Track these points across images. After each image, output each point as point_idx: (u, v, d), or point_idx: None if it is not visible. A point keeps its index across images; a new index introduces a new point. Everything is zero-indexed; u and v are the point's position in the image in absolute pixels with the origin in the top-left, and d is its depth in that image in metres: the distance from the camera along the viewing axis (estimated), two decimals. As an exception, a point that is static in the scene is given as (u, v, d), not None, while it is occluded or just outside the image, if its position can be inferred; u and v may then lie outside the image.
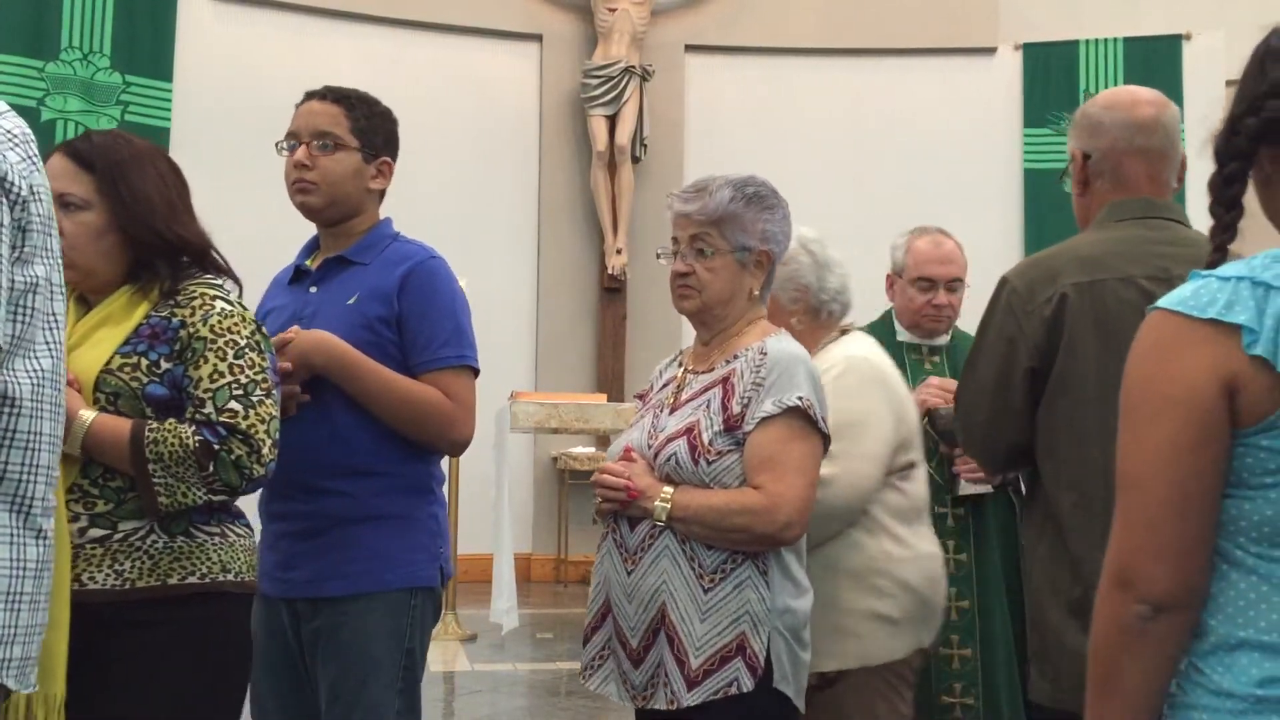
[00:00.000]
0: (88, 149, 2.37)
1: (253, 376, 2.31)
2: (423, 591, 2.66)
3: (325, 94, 2.79)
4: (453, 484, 7.28)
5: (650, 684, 2.41)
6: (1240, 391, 1.31)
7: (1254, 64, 1.51)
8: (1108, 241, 2.35)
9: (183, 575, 2.28)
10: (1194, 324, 1.34)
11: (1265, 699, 1.30)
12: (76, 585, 2.20)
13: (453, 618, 7.22)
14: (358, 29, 9.51)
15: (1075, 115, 2.49)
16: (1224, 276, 1.36)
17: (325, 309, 2.68)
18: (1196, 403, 1.32)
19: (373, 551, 2.60)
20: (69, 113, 8.52)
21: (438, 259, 2.73)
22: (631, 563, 2.43)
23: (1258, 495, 1.33)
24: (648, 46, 9.97)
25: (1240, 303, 1.33)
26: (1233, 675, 1.34)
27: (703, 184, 2.53)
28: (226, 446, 2.26)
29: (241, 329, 2.34)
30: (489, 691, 6.03)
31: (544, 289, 9.89)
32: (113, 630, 2.23)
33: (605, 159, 9.74)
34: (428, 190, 9.41)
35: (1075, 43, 9.99)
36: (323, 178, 2.71)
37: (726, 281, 2.49)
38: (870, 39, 10.18)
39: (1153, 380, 1.36)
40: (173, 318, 2.32)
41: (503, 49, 10.02)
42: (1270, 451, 1.32)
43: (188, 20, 8.99)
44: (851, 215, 9.84)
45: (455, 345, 2.66)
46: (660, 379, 2.65)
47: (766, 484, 2.36)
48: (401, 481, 2.65)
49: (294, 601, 2.63)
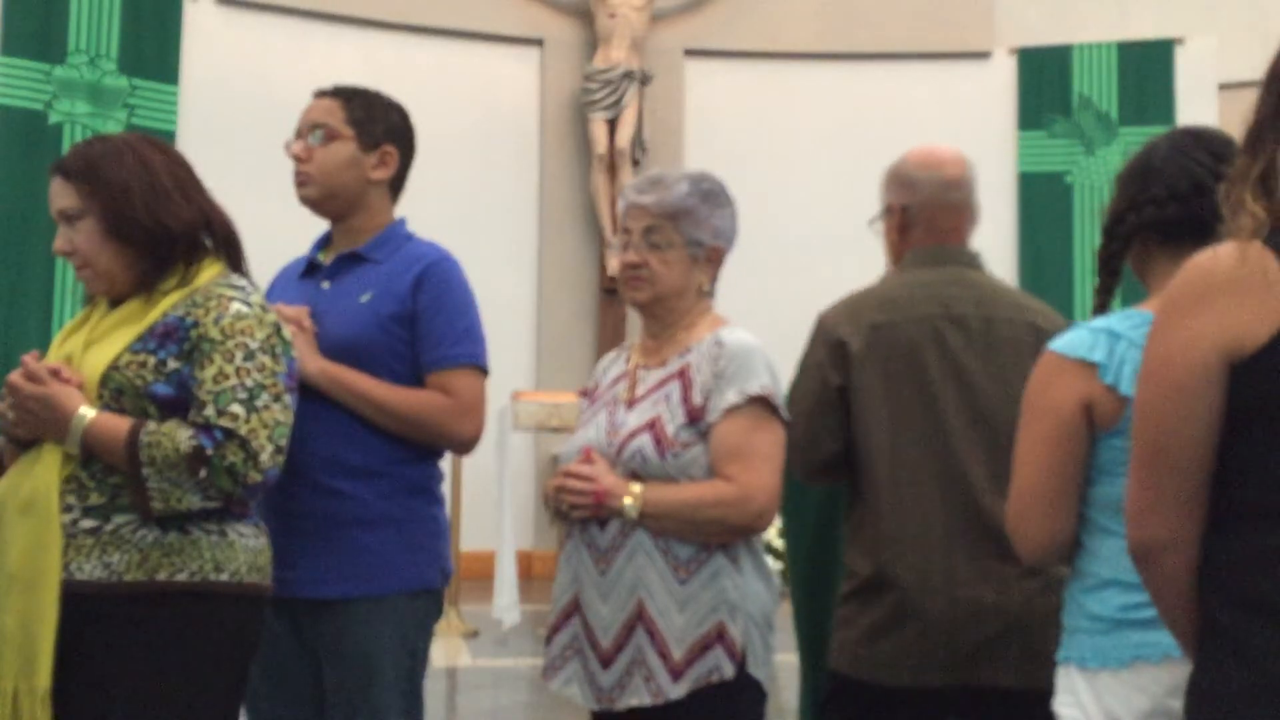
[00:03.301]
0: (67, 159, 2.36)
1: (260, 380, 2.27)
2: (425, 594, 2.65)
3: (327, 91, 2.78)
4: (455, 482, 7.33)
5: (619, 684, 2.39)
6: (1096, 407, 1.91)
7: (1138, 172, 2.07)
8: (906, 285, 2.71)
9: (171, 572, 2.24)
10: (1067, 361, 1.95)
11: (1123, 620, 1.90)
12: (66, 575, 2.20)
13: (455, 614, 7.24)
14: (361, 33, 9.55)
15: (889, 172, 2.85)
16: (1093, 328, 1.96)
17: (338, 305, 2.66)
18: (1062, 413, 1.94)
19: (375, 555, 2.58)
20: (76, 116, 8.57)
21: (452, 260, 2.72)
22: (605, 562, 2.42)
23: (1119, 480, 1.85)
24: (647, 51, 10.00)
25: (1100, 347, 1.93)
26: (1102, 604, 1.93)
27: (659, 177, 2.54)
28: (220, 452, 2.21)
29: (256, 332, 2.29)
30: (491, 687, 6.05)
31: (545, 290, 9.95)
32: (101, 624, 2.21)
33: (605, 162, 9.76)
34: (429, 193, 9.40)
35: (1069, 47, 10.00)
36: (317, 169, 2.69)
37: (679, 275, 2.50)
38: (867, 44, 10.21)
39: (1038, 396, 1.99)
40: (187, 318, 2.30)
41: (504, 54, 10.06)
42: (1123, 450, 1.83)
43: (194, 24, 9.02)
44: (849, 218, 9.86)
45: (465, 344, 2.65)
46: (606, 375, 2.64)
47: (737, 474, 2.37)
48: (403, 483, 2.64)
49: (292, 601, 2.58)
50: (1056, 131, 9.97)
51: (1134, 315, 1.95)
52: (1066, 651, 1.99)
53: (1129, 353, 1.90)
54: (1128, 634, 1.90)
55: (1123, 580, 1.89)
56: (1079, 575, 1.99)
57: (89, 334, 2.35)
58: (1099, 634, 1.93)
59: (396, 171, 2.78)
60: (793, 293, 9.68)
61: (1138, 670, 1.88)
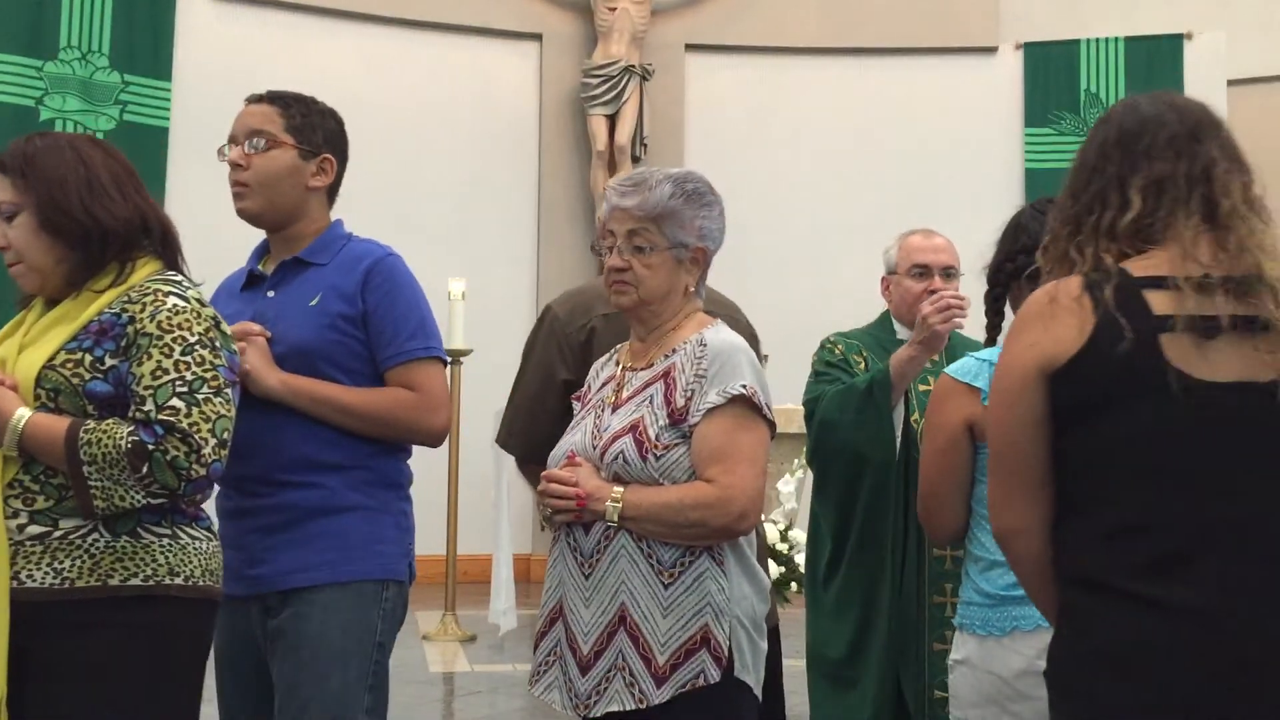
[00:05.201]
0: (6, 154, 2.36)
1: (200, 374, 2.25)
2: (394, 584, 2.64)
3: (262, 97, 2.77)
4: (452, 484, 7.28)
5: (596, 690, 2.38)
6: (976, 424, 2.39)
7: (1010, 232, 2.72)
8: None
9: (124, 577, 2.23)
10: (958, 385, 2.45)
11: (1005, 596, 2.38)
12: (15, 583, 2.19)
13: (452, 618, 7.21)
14: (357, 28, 9.50)
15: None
16: (978, 358, 2.47)
17: (287, 312, 2.65)
18: (950, 429, 2.44)
19: (341, 541, 2.58)
20: (68, 112, 8.51)
21: (395, 255, 2.73)
22: (588, 566, 2.41)
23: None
24: (648, 46, 9.96)
25: (983, 374, 2.41)
26: (989, 582, 2.43)
27: (641, 178, 2.51)
28: (162, 447, 2.19)
29: (194, 325, 2.28)
30: (488, 692, 6.02)
31: (543, 288, 9.86)
32: (54, 631, 2.19)
33: (605, 158, 9.73)
34: (427, 190, 9.41)
35: (1076, 42, 9.98)
36: (256, 178, 2.68)
37: (664, 278, 2.48)
38: (871, 38, 10.17)
39: (934, 413, 2.50)
40: (123, 314, 2.28)
41: (503, 48, 10.01)
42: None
43: (187, 19, 8.99)
44: (851, 215, 9.84)
45: (421, 338, 2.66)
46: (598, 379, 2.63)
47: (718, 476, 2.36)
48: (375, 475, 2.65)
49: (265, 597, 2.58)
50: (1064, 128, 9.90)
51: None
52: (961, 619, 2.49)
53: None
54: (1008, 608, 2.39)
55: (1005, 563, 2.25)
56: (972, 558, 2.50)
57: (23, 338, 2.35)
58: (986, 607, 2.43)
59: (334, 179, 2.79)
60: (795, 288, 9.63)
61: (1015, 637, 2.37)
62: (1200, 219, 1.87)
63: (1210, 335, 1.79)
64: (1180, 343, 1.78)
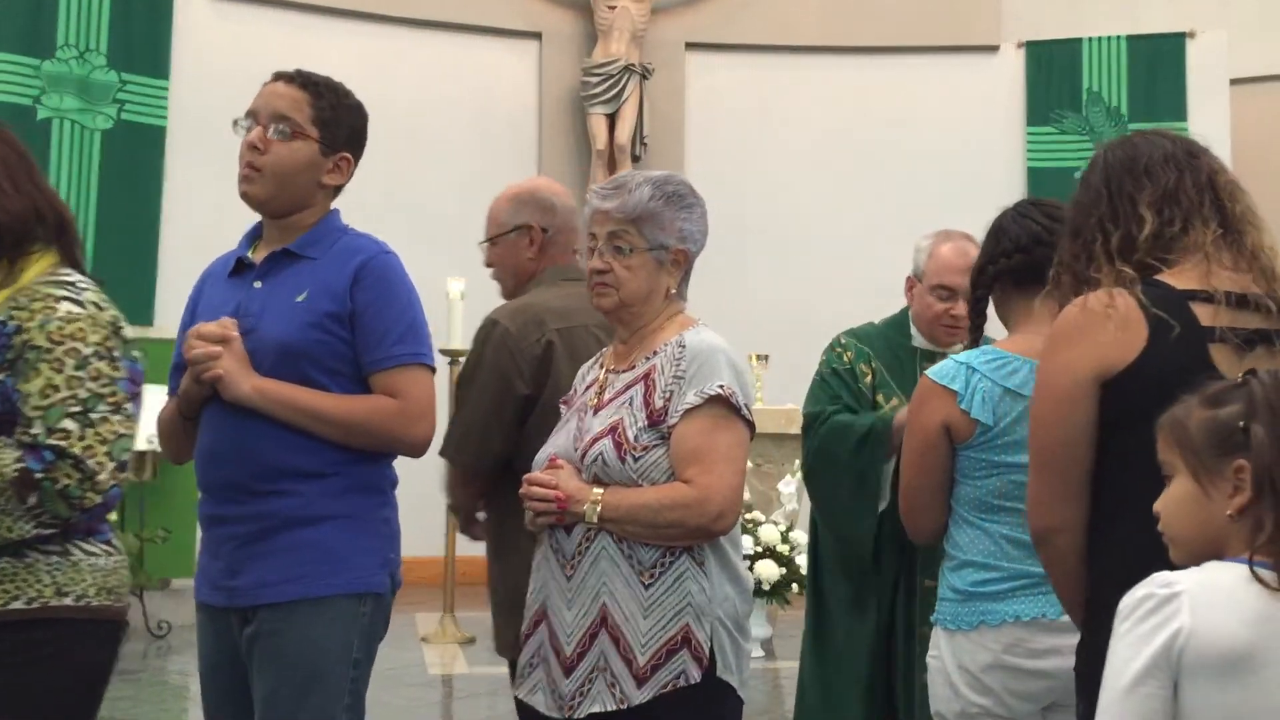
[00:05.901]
0: None
1: (96, 390, 2.08)
2: (372, 598, 2.54)
3: (294, 77, 2.62)
4: (450, 485, 7.22)
5: (580, 692, 2.38)
6: (953, 427, 2.52)
7: (993, 234, 2.70)
8: (564, 297, 2.97)
9: (5, 600, 2.06)
10: (937, 387, 2.55)
11: (974, 593, 2.50)
12: None
13: (450, 620, 7.19)
14: (356, 27, 9.48)
15: (524, 194, 3.16)
16: (957, 361, 2.57)
17: (272, 306, 2.54)
18: (928, 431, 2.55)
19: (320, 553, 2.48)
20: (65, 111, 8.48)
21: (390, 254, 2.61)
22: (570, 568, 2.41)
23: (973, 483, 2.54)
24: (648, 44, 9.94)
25: (960, 378, 2.52)
26: (961, 579, 2.53)
27: (621, 181, 2.52)
28: (52, 475, 2.02)
29: (89, 335, 2.10)
30: (487, 695, 5.98)
31: (543, 288, 9.85)
32: None
33: (605, 157, 9.71)
34: (427, 189, 9.38)
35: (1078, 41, 9.96)
36: (271, 165, 2.55)
37: (644, 280, 2.48)
38: (872, 37, 10.15)
39: (914, 414, 2.61)
40: (9, 322, 2.09)
41: (502, 47, 9.99)
42: (974, 460, 2.52)
43: (185, 18, 8.97)
44: (853, 214, 9.82)
45: (410, 343, 2.55)
46: (584, 382, 2.62)
47: (695, 476, 2.36)
48: (354, 481, 2.54)
49: (244, 610, 2.49)
50: (1066, 127, 9.88)
51: (990, 352, 2.57)
52: (936, 615, 2.58)
53: (980, 384, 2.50)
54: (977, 604, 2.49)
55: (976, 561, 2.51)
56: (947, 557, 2.59)
57: None
58: (957, 603, 2.52)
59: (347, 179, 2.68)
60: (795, 286, 9.60)
61: (982, 632, 2.47)
62: (1218, 225, 1.97)
63: (1250, 346, 1.91)
64: (1224, 352, 1.90)
